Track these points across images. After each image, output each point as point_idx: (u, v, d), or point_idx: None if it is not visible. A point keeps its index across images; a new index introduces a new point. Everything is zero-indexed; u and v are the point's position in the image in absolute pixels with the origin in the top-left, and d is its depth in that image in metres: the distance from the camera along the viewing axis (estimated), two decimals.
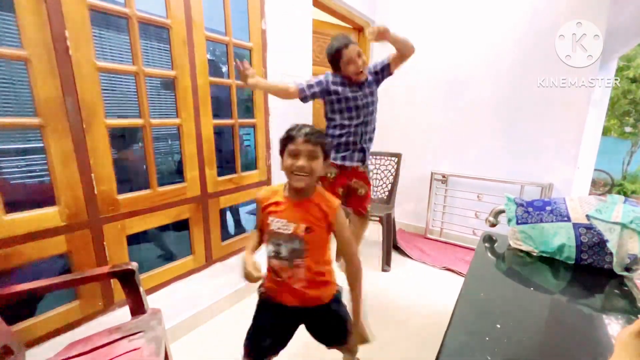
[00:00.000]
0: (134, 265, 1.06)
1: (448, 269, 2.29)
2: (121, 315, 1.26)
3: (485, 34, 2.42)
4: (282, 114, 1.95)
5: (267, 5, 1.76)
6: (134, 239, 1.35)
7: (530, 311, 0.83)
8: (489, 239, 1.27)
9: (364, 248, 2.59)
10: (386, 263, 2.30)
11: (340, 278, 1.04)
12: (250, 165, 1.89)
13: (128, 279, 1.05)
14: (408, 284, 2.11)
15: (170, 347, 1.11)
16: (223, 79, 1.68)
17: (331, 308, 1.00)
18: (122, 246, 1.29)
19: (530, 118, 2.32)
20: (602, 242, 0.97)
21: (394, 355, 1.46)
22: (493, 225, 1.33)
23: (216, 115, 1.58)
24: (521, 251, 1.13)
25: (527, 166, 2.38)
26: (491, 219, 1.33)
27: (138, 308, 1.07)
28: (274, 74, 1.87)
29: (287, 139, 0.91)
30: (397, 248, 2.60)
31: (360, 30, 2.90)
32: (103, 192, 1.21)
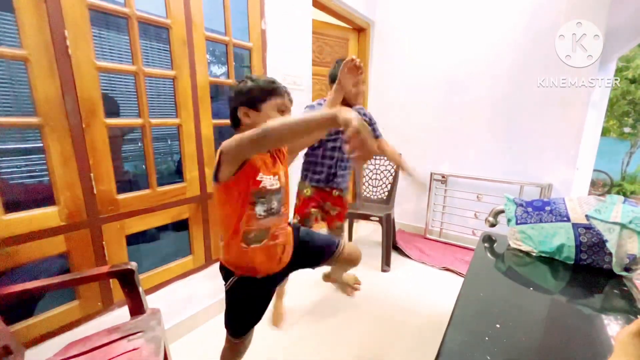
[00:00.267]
0: (133, 265, 1.05)
1: (447, 269, 2.29)
2: (120, 315, 1.26)
3: (484, 34, 2.42)
4: None
5: (267, 5, 1.76)
6: (133, 239, 1.35)
7: (529, 311, 0.82)
8: (489, 239, 1.27)
9: (364, 248, 2.59)
10: (386, 263, 2.30)
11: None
12: None
13: (127, 279, 1.04)
14: (408, 284, 2.11)
15: (169, 347, 1.11)
16: (223, 79, 1.68)
17: (298, 236, 1.06)
18: (122, 246, 1.29)
19: (529, 118, 2.33)
20: (602, 242, 0.97)
21: (394, 355, 1.46)
22: (492, 225, 1.33)
23: (216, 115, 1.58)
24: (521, 251, 1.13)
25: (527, 166, 2.39)
26: (491, 219, 1.33)
27: (137, 308, 1.06)
28: (274, 74, 1.87)
29: (273, 92, 0.89)
30: (397, 248, 2.60)
31: (360, 31, 2.90)
32: (102, 192, 1.21)
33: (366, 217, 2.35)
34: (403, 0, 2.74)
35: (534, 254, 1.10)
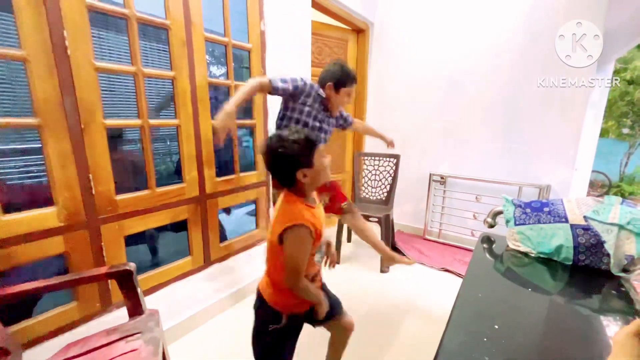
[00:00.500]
0: (132, 266, 1.05)
1: (446, 270, 2.29)
2: (119, 316, 1.25)
3: (483, 35, 2.43)
4: None
5: (266, 6, 1.76)
6: (132, 240, 1.35)
7: (528, 312, 0.83)
8: (487, 240, 1.27)
9: (363, 249, 2.59)
10: (385, 264, 2.29)
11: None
12: (248, 166, 1.89)
13: (126, 280, 1.04)
14: (406, 285, 2.11)
15: (168, 349, 1.11)
16: (223, 80, 1.68)
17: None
18: (120, 247, 1.29)
19: (528, 120, 2.33)
20: (600, 243, 0.97)
21: (393, 355, 1.46)
22: (491, 226, 1.33)
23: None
24: (519, 252, 1.13)
25: (525, 167, 2.39)
26: (489, 220, 1.33)
27: (136, 309, 1.06)
28: (274, 75, 1.86)
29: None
30: (396, 249, 2.60)
31: (359, 32, 2.91)
32: (101, 193, 1.20)
33: (365, 218, 2.34)
34: (402, 1, 2.75)
35: (533, 255, 1.10)
